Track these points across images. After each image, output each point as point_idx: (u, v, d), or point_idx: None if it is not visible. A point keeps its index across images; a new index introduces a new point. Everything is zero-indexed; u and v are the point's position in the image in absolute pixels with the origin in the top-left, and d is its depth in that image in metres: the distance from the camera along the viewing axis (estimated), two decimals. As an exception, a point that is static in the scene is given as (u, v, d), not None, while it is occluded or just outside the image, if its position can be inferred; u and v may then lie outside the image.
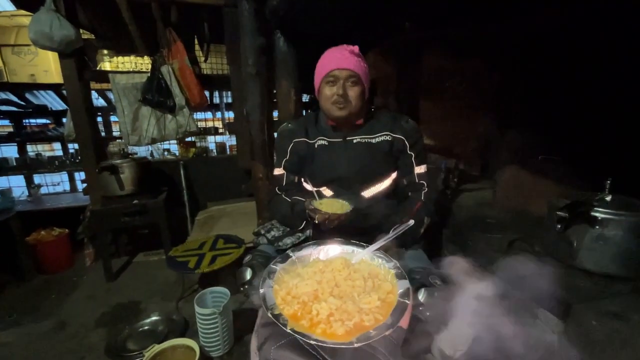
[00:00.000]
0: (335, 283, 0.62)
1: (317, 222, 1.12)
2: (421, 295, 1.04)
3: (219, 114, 6.77)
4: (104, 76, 2.58)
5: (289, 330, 0.44)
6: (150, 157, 3.31)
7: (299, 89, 2.15)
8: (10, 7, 3.02)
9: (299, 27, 1.97)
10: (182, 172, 2.93)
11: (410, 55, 2.55)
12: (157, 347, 1.35)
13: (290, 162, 1.33)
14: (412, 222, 0.79)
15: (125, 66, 3.14)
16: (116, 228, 2.51)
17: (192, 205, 3.03)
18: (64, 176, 4.09)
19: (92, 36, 3.19)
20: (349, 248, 0.74)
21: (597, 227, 1.00)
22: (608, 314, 0.87)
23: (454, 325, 0.86)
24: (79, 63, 2.37)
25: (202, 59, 3.08)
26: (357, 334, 0.46)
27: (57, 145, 4.28)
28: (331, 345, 0.43)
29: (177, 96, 2.56)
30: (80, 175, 3.96)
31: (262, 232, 1.35)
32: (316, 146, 1.29)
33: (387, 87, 2.80)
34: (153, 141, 2.61)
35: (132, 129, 2.52)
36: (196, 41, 3.22)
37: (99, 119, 3.59)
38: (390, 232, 0.95)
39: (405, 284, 0.63)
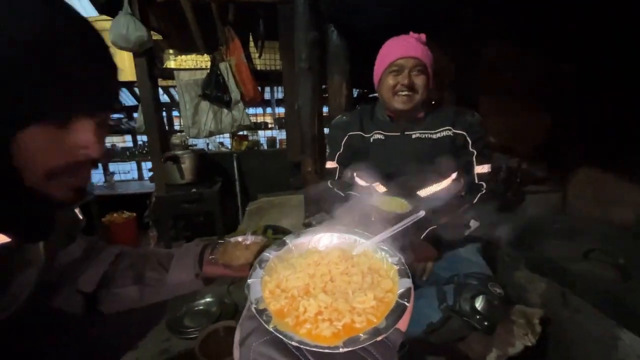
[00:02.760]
0: (330, 277, 0.52)
1: (373, 219, 1.09)
2: (479, 303, 0.97)
3: (268, 110, 6.96)
4: (169, 73, 2.80)
5: (270, 329, 0.41)
6: (206, 149, 3.54)
7: (350, 83, 2.13)
8: (94, 13, 3.41)
9: (353, 20, 1.95)
10: (235, 164, 3.08)
11: (470, 46, 2.38)
12: (211, 327, 1.44)
13: (343, 156, 1.31)
14: (422, 212, 0.73)
15: (188, 64, 3.38)
16: (176, 214, 2.72)
17: (242, 195, 3.17)
18: (133, 165, 4.54)
19: (160, 37, 3.49)
20: (350, 237, 0.64)
21: None
22: None
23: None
24: (149, 62, 2.60)
25: (257, 55, 3.19)
26: (345, 337, 0.41)
27: (128, 137, 4.75)
28: (314, 349, 0.39)
29: (233, 91, 2.69)
30: (146, 165, 4.37)
31: (314, 222, 1.36)
32: (372, 140, 1.24)
33: (442, 80, 2.65)
34: (210, 134, 2.78)
35: (192, 123, 2.71)
36: (250, 38, 3.36)
37: (163, 113, 3.90)
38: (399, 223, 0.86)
39: (407, 283, 0.52)
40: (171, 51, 3.69)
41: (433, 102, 1.25)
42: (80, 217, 0.76)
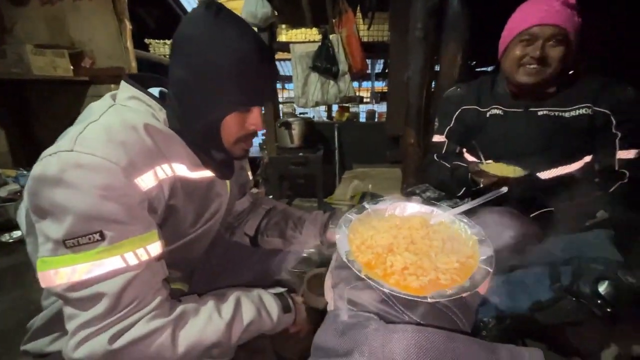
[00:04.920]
0: (411, 240, 0.55)
1: (481, 186, 1.05)
2: (603, 288, 0.91)
3: (364, 84, 6.93)
4: (285, 46, 3.06)
5: (362, 276, 0.44)
6: (312, 118, 3.80)
7: (466, 54, 2.01)
8: (225, -6, 3.88)
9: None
10: (335, 133, 3.25)
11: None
12: (316, 270, 1.67)
13: (454, 131, 1.25)
14: (504, 189, 0.67)
15: (298, 37, 3.61)
16: (283, 174, 3.06)
17: (340, 164, 3.36)
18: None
19: (275, 13, 3.79)
20: (428, 208, 0.66)
21: None
22: None
23: None
24: (270, 36, 2.89)
25: (364, 27, 3.21)
26: (431, 291, 0.44)
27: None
28: (404, 296, 0.42)
29: (341, 63, 2.80)
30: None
31: (417, 191, 1.39)
32: (488, 115, 1.15)
33: (588, 48, 2.25)
34: (316, 104, 2.99)
35: (301, 93, 2.95)
36: (358, 10, 3.37)
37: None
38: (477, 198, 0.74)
39: (488, 251, 0.52)
40: (284, 26, 3.97)
41: (571, 73, 1.07)
42: (250, 178, 1.06)
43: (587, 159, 1.08)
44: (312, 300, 1.17)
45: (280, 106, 3.45)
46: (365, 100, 5.97)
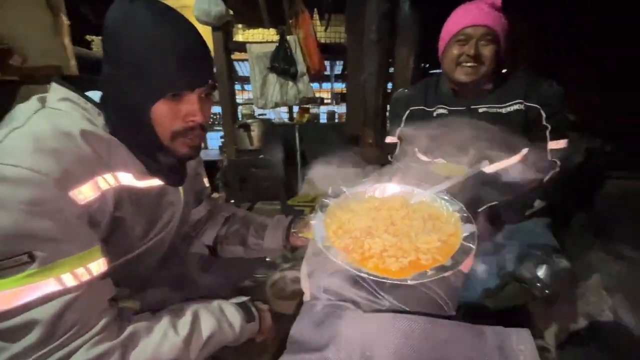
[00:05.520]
0: (391, 221, 0.54)
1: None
2: (541, 272, 0.99)
3: (324, 85, 7.00)
4: (241, 46, 2.98)
5: (338, 262, 0.42)
6: (272, 120, 3.74)
7: (418, 57, 2.10)
8: (175, -10, 3.69)
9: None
10: (297, 134, 3.22)
11: (553, 12, 2.15)
12: (278, 274, 1.64)
13: (404, 131, 1.29)
14: (485, 162, 0.73)
15: (255, 37, 3.54)
16: (244, 177, 2.97)
17: (302, 165, 3.34)
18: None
19: (231, 12, 3.68)
20: (408, 188, 0.67)
21: None
22: None
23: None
24: (225, 36, 2.80)
25: (321, 28, 3.22)
26: (412, 272, 0.42)
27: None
28: (382, 280, 0.40)
29: (299, 64, 2.79)
30: (211, 135, 4.77)
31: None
32: (434, 115, 1.22)
33: (518, 49, 2.46)
34: (275, 105, 2.95)
35: (260, 94, 2.89)
36: (315, 11, 3.38)
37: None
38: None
39: (471, 228, 0.50)
40: (240, 26, 3.87)
41: (504, 71, 1.17)
42: (207, 185, 1.02)
43: (524, 151, 1.18)
44: (277, 306, 1.14)
45: (240, 107, 3.35)
46: (326, 101, 6.02)
